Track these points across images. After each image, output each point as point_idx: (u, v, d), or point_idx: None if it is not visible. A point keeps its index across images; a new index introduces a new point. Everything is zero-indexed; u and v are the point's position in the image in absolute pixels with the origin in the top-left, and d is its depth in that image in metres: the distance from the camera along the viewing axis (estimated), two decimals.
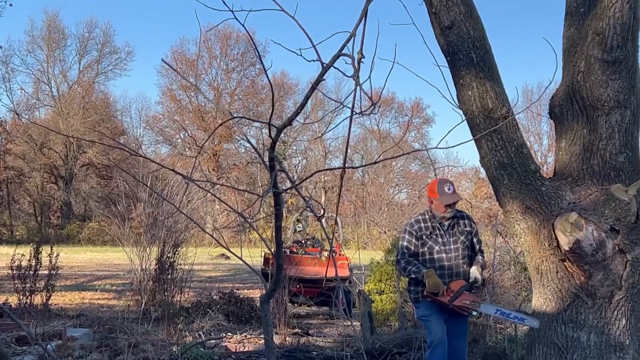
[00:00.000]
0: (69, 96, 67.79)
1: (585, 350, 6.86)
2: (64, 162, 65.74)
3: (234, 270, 30.75)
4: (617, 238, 6.78)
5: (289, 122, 5.05)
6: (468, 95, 7.26)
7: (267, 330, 5.96)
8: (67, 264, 30.29)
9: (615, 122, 6.98)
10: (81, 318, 14.35)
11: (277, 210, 5.34)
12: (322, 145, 70.18)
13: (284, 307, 13.74)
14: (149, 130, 72.65)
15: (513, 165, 7.16)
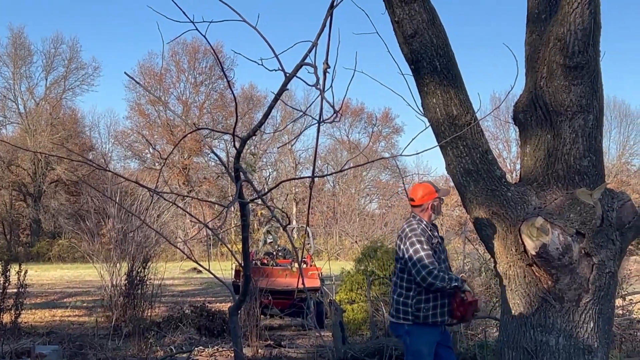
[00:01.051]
0: (36, 113, 67.23)
1: (554, 354, 6.90)
2: (32, 180, 65.18)
3: (206, 284, 30.64)
4: (583, 242, 6.84)
5: (253, 132, 5.06)
6: (432, 102, 7.29)
7: (237, 342, 5.94)
8: (37, 282, 30.03)
9: (578, 127, 7.04)
10: (51, 335, 14.21)
11: (244, 221, 5.33)
12: (292, 157, 70.25)
13: (255, 319, 13.70)
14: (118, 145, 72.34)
15: (479, 171, 7.20)
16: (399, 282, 7.02)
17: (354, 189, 69.52)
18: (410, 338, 6.86)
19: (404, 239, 7.04)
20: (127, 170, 64.08)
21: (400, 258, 7.07)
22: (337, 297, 16.62)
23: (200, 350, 12.91)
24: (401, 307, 6.81)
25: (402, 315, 6.80)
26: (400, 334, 6.93)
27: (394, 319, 6.99)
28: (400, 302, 6.89)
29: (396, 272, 7.13)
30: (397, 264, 7.17)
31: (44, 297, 25.22)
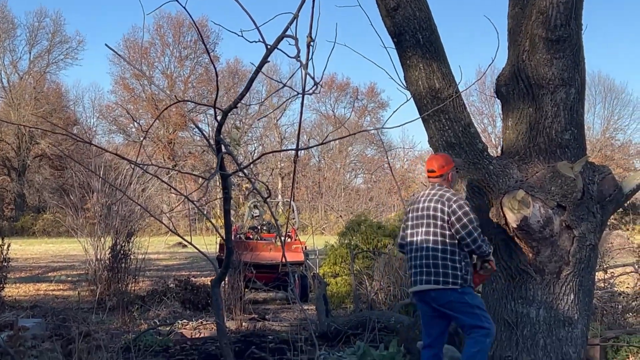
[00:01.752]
0: (20, 87, 66.70)
1: (534, 326, 6.97)
2: (16, 154, 64.78)
3: (191, 259, 30.58)
4: (564, 214, 6.89)
5: (234, 104, 5.05)
6: (415, 75, 7.31)
7: (219, 315, 5.97)
8: (22, 256, 29.90)
9: (560, 100, 7.07)
10: (35, 309, 14.21)
11: (226, 194, 5.34)
12: (278, 132, 70.10)
13: (239, 292, 13.73)
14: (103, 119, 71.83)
15: (461, 144, 7.23)
16: (440, 246, 6.54)
17: (340, 164, 69.46)
18: (468, 295, 6.55)
19: (451, 204, 6.55)
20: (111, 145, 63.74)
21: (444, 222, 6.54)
22: (320, 270, 16.66)
23: (184, 324, 12.92)
24: (450, 271, 6.45)
25: (452, 280, 6.44)
26: (451, 299, 6.50)
27: (441, 285, 6.47)
28: (448, 267, 6.48)
29: (429, 238, 6.61)
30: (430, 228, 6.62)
31: (28, 271, 25.14)
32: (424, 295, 6.63)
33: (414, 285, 6.71)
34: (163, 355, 9.99)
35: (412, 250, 6.74)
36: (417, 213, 6.76)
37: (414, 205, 6.88)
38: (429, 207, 6.64)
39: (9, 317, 10.46)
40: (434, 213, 6.59)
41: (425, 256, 6.59)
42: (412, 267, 6.74)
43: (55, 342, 8.29)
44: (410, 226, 6.85)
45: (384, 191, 57.46)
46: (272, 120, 70.04)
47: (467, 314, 6.50)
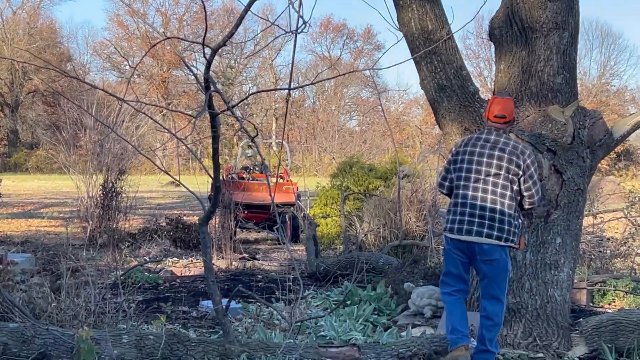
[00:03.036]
0: (13, 22, 66.06)
1: (521, 269, 7.00)
2: (9, 90, 64.43)
3: (184, 198, 30.63)
4: (554, 158, 6.90)
5: (223, 42, 5.00)
6: (408, 17, 7.25)
7: (206, 252, 5.99)
8: (15, 192, 30.01)
9: (553, 44, 7.03)
10: (26, 245, 14.27)
11: (214, 132, 5.32)
12: (273, 72, 69.59)
13: (229, 232, 13.78)
14: (96, 56, 71.27)
15: (452, 87, 7.20)
16: (507, 201, 6.19)
17: (334, 106, 69.23)
18: (509, 261, 6.32)
19: (526, 159, 6.22)
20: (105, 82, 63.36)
21: (516, 176, 6.19)
22: (311, 211, 16.71)
23: (174, 262, 13.01)
24: (511, 228, 6.15)
25: (511, 237, 6.14)
26: (499, 257, 6.18)
27: (502, 242, 6.16)
28: (511, 224, 6.18)
29: (498, 190, 6.19)
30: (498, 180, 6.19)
31: (20, 207, 25.23)
32: (471, 245, 6.21)
33: (465, 233, 6.20)
34: (152, 292, 10.08)
35: (469, 197, 6.24)
36: (481, 159, 6.25)
37: (472, 147, 6.33)
38: (500, 156, 6.19)
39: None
40: (507, 165, 6.17)
41: (489, 208, 6.16)
42: (465, 214, 6.23)
43: (44, 277, 8.33)
44: (467, 169, 6.30)
45: (378, 134, 57.39)
46: (267, 60, 69.60)
47: (501, 279, 6.25)
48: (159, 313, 7.32)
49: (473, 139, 6.36)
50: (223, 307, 5.87)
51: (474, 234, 6.16)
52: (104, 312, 6.87)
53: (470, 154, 6.30)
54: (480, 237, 6.14)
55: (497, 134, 6.29)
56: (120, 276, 8.83)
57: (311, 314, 8.20)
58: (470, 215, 6.19)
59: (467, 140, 6.41)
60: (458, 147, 6.45)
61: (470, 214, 6.19)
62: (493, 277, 6.24)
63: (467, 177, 6.29)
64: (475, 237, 6.15)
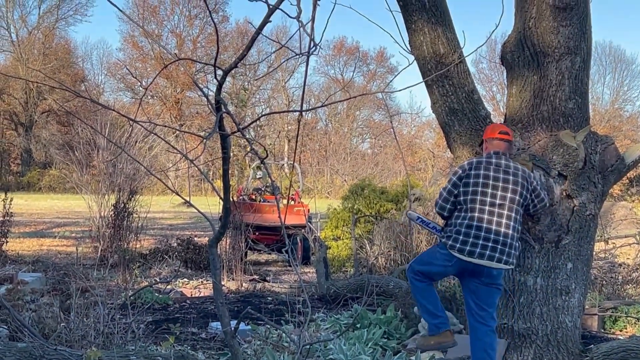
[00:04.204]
0: (29, 42, 66.61)
1: (531, 294, 6.97)
2: (24, 109, 64.84)
3: (195, 219, 30.70)
4: (565, 183, 6.88)
5: (235, 64, 5.01)
6: (420, 40, 7.26)
7: (215, 274, 5.97)
8: (27, 211, 30.13)
9: (565, 69, 7.03)
10: (37, 264, 14.29)
11: (225, 153, 5.32)
12: (286, 94, 69.83)
13: (240, 253, 13.77)
14: (111, 77, 71.75)
15: (464, 111, 7.20)
16: (518, 225, 6.36)
17: (347, 128, 69.38)
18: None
19: (532, 181, 6.44)
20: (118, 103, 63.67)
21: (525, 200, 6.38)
22: (322, 234, 16.69)
23: (184, 283, 13.00)
24: (517, 252, 6.34)
25: (515, 261, 6.35)
26: (500, 281, 6.34)
27: (509, 266, 6.33)
28: (517, 248, 6.33)
29: (512, 215, 6.29)
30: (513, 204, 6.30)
31: (33, 226, 25.27)
32: (479, 268, 6.25)
33: (477, 257, 6.20)
34: (162, 312, 10.06)
35: (484, 221, 6.24)
36: (495, 183, 6.31)
37: (485, 171, 6.37)
38: (515, 181, 6.32)
39: (10, 271, 10.50)
40: (522, 191, 6.32)
41: (503, 233, 6.22)
42: (479, 237, 6.22)
43: (54, 297, 8.34)
44: (482, 193, 6.31)
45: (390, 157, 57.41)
46: (280, 82, 69.86)
47: (497, 300, 6.39)
48: (168, 334, 7.29)
49: (484, 163, 6.38)
50: (232, 329, 5.85)
51: (486, 258, 6.18)
52: (113, 332, 6.86)
53: (485, 178, 6.33)
54: (492, 261, 6.18)
55: (505, 158, 6.41)
56: (130, 297, 8.83)
57: (320, 337, 8.16)
58: (485, 239, 6.21)
59: (477, 164, 6.42)
60: (468, 170, 6.43)
61: (486, 238, 6.21)
62: (495, 297, 6.36)
63: (482, 200, 6.30)
64: (487, 261, 6.18)
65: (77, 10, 70.40)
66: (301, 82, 72.74)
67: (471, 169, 6.42)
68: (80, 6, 70.25)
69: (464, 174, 6.45)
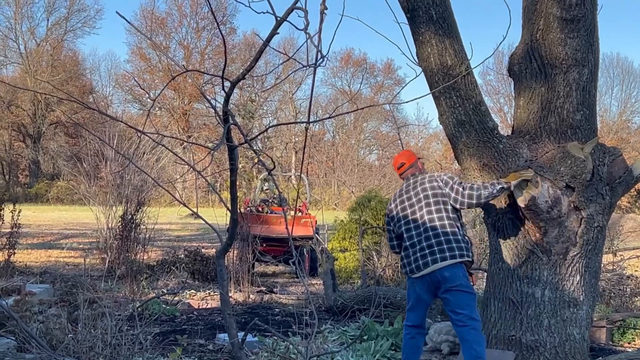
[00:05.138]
0: (37, 54, 66.86)
1: (539, 306, 6.96)
2: (32, 120, 65.02)
3: (203, 230, 30.67)
4: (573, 195, 6.86)
5: (242, 76, 5.04)
6: (427, 52, 7.26)
7: (222, 285, 5.98)
8: (35, 223, 30.13)
9: (573, 80, 7.03)
10: (45, 275, 14.29)
11: (232, 164, 5.34)
12: (293, 106, 69.90)
13: (247, 265, 13.77)
14: (119, 89, 71.94)
15: (471, 122, 7.19)
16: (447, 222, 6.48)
17: (354, 140, 69.36)
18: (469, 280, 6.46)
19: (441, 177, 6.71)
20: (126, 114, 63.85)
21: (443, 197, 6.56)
22: (329, 245, 16.66)
23: (192, 294, 13.00)
24: (462, 244, 6.41)
25: (465, 252, 6.39)
26: (461, 282, 6.34)
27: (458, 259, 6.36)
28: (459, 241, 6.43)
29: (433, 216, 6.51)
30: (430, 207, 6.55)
31: (40, 237, 25.31)
32: (433, 277, 6.40)
33: (422, 268, 6.43)
34: (169, 324, 10.06)
35: (414, 237, 6.57)
36: (410, 202, 6.73)
37: (399, 200, 6.86)
38: (423, 189, 6.69)
39: (18, 282, 10.52)
40: (432, 192, 6.63)
41: (434, 235, 6.45)
42: (416, 252, 6.50)
43: (62, 308, 8.34)
44: (404, 217, 6.73)
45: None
46: (288, 94, 69.95)
47: (469, 300, 6.37)
48: (175, 346, 7.31)
49: (397, 194, 6.98)
50: (239, 340, 5.86)
51: (425, 265, 6.44)
52: (121, 344, 6.85)
53: (401, 203, 6.84)
54: (431, 265, 6.41)
55: (412, 178, 6.90)
56: (137, 308, 8.83)
57: (328, 349, 8.15)
58: (417, 251, 6.52)
59: (394, 198, 7.00)
60: (390, 207, 7.00)
61: (416, 251, 6.53)
62: (462, 300, 6.37)
63: (406, 222, 6.71)
64: (427, 268, 6.42)
65: (86, 23, 70.75)
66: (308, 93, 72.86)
67: (390, 205, 6.99)
68: (88, 18, 70.59)
69: (388, 212, 7.04)
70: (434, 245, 6.42)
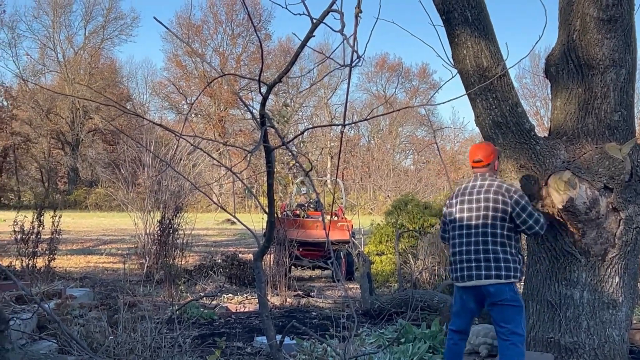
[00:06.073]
0: (75, 62, 67.72)
1: (578, 308, 6.92)
2: (70, 128, 65.78)
3: (239, 235, 30.83)
4: (611, 196, 6.82)
5: (279, 79, 5.07)
6: (463, 54, 7.25)
7: (260, 287, 6.01)
8: (74, 229, 30.49)
9: (610, 81, 6.99)
10: (84, 280, 14.47)
11: (269, 167, 5.37)
12: (328, 111, 70.01)
13: (284, 269, 13.81)
14: (155, 96, 72.58)
15: (507, 124, 7.16)
16: (499, 239, 6.28)
17: (389, 145, 69.25)
18: (518, 294, 6.37)
19: (512, 195, 6.33)
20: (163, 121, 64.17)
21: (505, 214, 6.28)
22: (366, 249, 16.64)
23: (229, 298, 13.09)
24: (511, 265, 6.21)
25: (512, 273, 6.20)
26: (507, 296, 6.21)
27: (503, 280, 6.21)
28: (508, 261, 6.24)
29: (488, 230, 6.31)
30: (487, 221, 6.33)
31: (79, 244, 25.58)
32: (478, 290, 6.33)
33: (466, 279, 6.35)
34: (207, 327, 10.13)
35: (464, 244, 6.42)
36: (470, 205, 6.45)
37: (461, 197, 6.56)
38: (486, 198, 6.36)
39: (59, 287, 10.65)
40: (494, 205, 6.31)
41: (484, 250, 6.29)
42: (463, 260, 6.40)
43: (102, 311, 8.44)
44: (460, 218, 6.52)
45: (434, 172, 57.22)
46: (323, 99, 70.08)
47: (516, 315, 6.26)
48: (213, 348, 7.35)
49: (462, 189, 6.66)
50: (277, 342, 5.88)
51: (468, 278, 6.35)
52: (160, 346, 6.92)
53: (461, 203, 6.56)
54: (472, 280, 6.34)
55: (482, 178, 6.55)
56: (176, 311, 8.91)
57: (365, 351, 8.16)
58: (462, 261, 6.40)
59: (457, 191, 6.71)
60: (451, 200, 6.74)
61: (462, 260, 6.41)
62: (507, 315, 6.27)
63: (460, 225, 6.52)
64: (469, 281, 6.36)
65: (122, 31, 71.61)
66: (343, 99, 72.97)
67: (452, 198, 6.74)
68: (125, 26, 71.44)
69: (448, 204, 6.79)
70: (482, 261, 6.29)
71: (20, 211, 13.44)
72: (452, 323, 6.68)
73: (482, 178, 6.53)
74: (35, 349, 6.92)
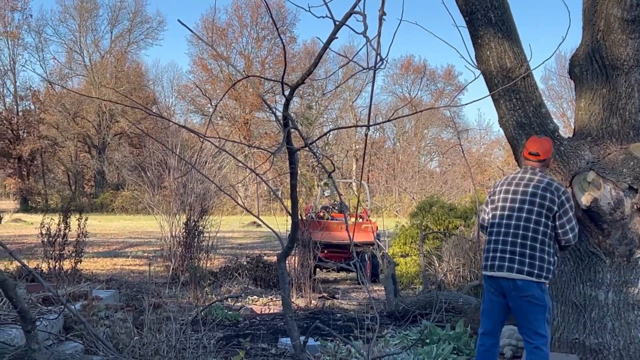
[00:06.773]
0: (101, 66, 68.10)
1: (603, 309, 6.89)
2: (97, 132, 66.15)
3: (265, 238, 30.90)
4: (636, 197, 6.79)
5: (302, 80, 5.09)
6: (486, 55, 7.26)
7: (284, 288, 6.04)
8: (101, 232, 30.71)
9: (634, 81, 6.97)
10: (111, 282, 14.55)
11: (292, 168, 5.40)
12: (353, 113, 69.90)
13: (309, 270, 13.83)
14: (181, 99, 72.85)
15: (531, 124, 7.16)
16: (540, 236, 6.14)
17: (415, 147, 69.09)
18: (547, 295, 6.22)
19: (561, 195, 6.18)
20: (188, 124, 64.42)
21: (550, 212, 6.15)
22: (390, 250, 16.65)
23: (254, 300, 13.13)
24: (545, 264, 6.10)
25: (544, 273, 6.08)
26: (534, 293, 6.11)
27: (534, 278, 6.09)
28: (544, 260, 6.13)
29: (530, 225, 6.17)
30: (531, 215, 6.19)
31: (106, 246, 25.75)
32: (505, 282, 6.21)
33: (496, 269, 6.23)
34: (232, 328, 10.17)
35: (502, 234, 6.27)
36: (515, 196, 6.30)
37: (507, 186, 6.41)
38: (534, 193, 6.21)
39: (85, 288, 10.73)
40: (540, 201, 6.17)
41: (521, 244, 6.16)
42: (497, 250, 6.27)
43: (128, 312, 8.50)
44: (502, 207, 6.37)
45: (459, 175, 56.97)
46: (348, 102, 70.03)
47: (539, 315, 6.17)
48: (238, 349, 7.39)
49: (509, 178, 6.46)
50: (301, 342, 5.91)
51: (499, 269, 6.20)
52: (185, 347, 6.97)
53: (505, 192, 6.38)
54: (503, 271, 6.19)
55: (532, 172, 6.35)
56: (201, 312, 8.96)
57: (389, 352, 8.16)
58: (497, 251, 6.25)
59: (504, 180, 6.51)
60: (495, 187, 6.55)
61: (497, 249, 6.26)
62: (531, 314, 6.17)
63: (501, 214, 6.35)
64: (499, 272, 6.21)
65: (148, 34, 71.94)
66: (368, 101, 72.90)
67: (497, 186, 6.54)
68: (151, 30, 71.77)
69: (492, 192, 6.58)
70: (517, 254, 6.15)
71: (47, 214, 13.55)
72: (482, 324, 6.54)
73: (533, 172, 6.34)
74: (62, 350, 6.98)
